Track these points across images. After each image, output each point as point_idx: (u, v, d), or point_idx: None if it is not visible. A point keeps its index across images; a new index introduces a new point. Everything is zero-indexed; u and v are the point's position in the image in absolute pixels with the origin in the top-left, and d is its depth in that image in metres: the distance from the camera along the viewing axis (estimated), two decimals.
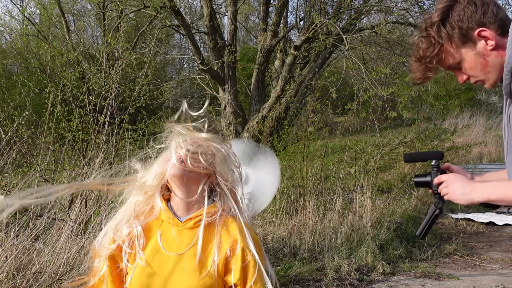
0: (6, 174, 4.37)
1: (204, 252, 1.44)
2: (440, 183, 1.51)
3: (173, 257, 1.45)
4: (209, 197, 1.50)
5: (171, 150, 1.48)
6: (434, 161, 1.55)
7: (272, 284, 1.47)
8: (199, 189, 1.48)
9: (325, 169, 7.15)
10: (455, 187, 1.45)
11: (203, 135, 1.54)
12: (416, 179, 1.59)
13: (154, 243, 1.48)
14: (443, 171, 1.56)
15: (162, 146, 1.57)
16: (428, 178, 1.55)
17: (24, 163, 4.89)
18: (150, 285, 1.43)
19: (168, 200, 1.55)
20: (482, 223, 7.35)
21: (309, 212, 5.70)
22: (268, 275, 1.47)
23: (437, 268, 5.23)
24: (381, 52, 10.29)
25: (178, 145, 1.48)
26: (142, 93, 5.77)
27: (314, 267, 4.78)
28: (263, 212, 5.68)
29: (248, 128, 8.75)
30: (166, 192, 1.56)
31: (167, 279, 1.43)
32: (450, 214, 7.81)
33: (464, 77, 1.46)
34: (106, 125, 4.98)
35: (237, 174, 1.57)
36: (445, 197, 1.49)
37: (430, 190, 1.56)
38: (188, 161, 1.45)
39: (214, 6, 9.82)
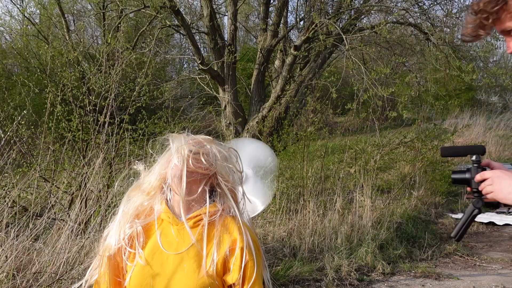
0: (6, 174, 4.37)
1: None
2: (482, 181, 1.34)
3: (173, 256, 1.45)
4: (209, 197, 1.51)
5: (172, 151, 1.49)
6: (474, 156, 1.38)
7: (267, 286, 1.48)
8: (200, 189, 1.48)
9: (325, 169, 7.15)
10: (502, 185, 1.27)
11: (205, 136, 1.54)
12: (453, 176, 1.41)
13: (153, 242, 1.49)
14: (484, 168, 1.38)
15: (164, 146, 1.57)
16: (468, 175, 1.38)
17: (24, 163, 4.89)
18: (149, 283, 1.44)
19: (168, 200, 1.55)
20: (482, 223, 7.35)
21: (309, 212, 5.70)
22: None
23: (437, 268, 5.23)
24: (381, 52, 10.27)
25: (180, 145, 1.48)
26: (142, 93, 5.77)
27: (314, 267, 4.78)
28: (263, 212, 5.68)
29: (248, 128, 8.75)
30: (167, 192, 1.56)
31: (167, 278, 1.43)
32: (450, 214, 7.80)
33: None
34: (106, 125, 4.98)
35: (237, 175, 1.57)
36: (489, 196, 1.32)
37: (469, 188, 1.39)
38: (190, 161, 1.45)
39: (214, 6, 9.82)
